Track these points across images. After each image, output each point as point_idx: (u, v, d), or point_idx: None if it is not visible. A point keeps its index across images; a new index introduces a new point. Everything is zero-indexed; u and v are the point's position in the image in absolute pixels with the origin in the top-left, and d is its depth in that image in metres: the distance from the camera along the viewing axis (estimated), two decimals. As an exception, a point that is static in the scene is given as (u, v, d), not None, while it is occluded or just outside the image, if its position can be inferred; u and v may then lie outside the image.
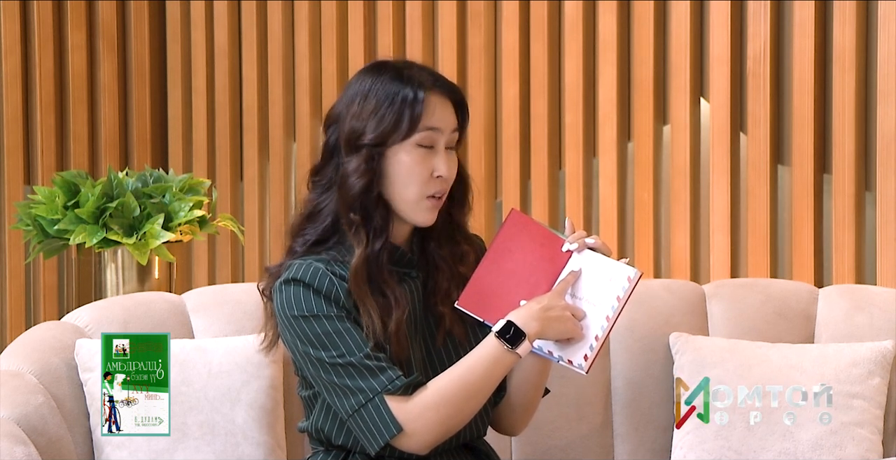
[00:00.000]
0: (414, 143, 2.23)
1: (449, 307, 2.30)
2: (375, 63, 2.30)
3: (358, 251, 2.23)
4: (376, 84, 2.24)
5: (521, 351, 2.20)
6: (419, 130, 2.22)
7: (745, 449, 2.63)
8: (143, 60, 4.34)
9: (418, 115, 2.22)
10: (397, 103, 2.22)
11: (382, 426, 2.18)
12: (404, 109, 2.22)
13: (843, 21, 3.34)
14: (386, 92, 2.23)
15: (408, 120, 2.22)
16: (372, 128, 2.22)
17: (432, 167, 2.24)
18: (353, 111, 2.24)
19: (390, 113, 2.22)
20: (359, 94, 2.25)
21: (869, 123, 3.37)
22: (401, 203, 2.25)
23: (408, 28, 3.93)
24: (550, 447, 2.75)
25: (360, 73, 2.29)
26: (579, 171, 3.69)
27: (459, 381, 2.20)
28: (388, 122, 2.22)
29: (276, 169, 4.16)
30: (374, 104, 2.23)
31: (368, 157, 2.22)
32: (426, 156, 2.24)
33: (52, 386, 2.59)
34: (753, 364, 2.67)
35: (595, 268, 2.27)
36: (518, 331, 2.20)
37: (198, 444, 2.60)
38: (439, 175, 2.25)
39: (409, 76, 2.24)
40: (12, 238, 4.16)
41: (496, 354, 2.20)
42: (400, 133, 2.22)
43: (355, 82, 2.27)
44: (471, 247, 2.37)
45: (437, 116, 2.24)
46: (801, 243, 3.42)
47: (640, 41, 3.61)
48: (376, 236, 2.24)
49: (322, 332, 2.20)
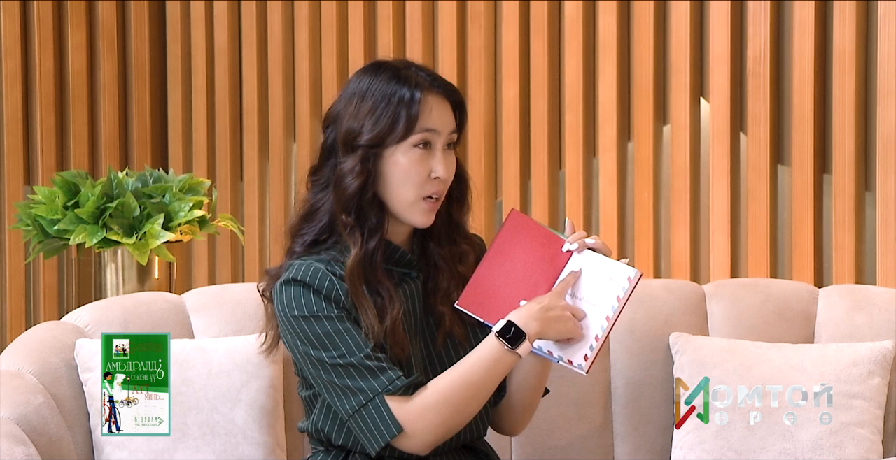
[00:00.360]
0: (411, 144, 2.23)
1: (449, 307, 2.30)
2: (374, 63, 2.30)
3: (353, 251, 2.23)
4: (374, 84, 2.24)
5: (522, 351, 2.20)
6: (416, 132, 2.22)
7: (745, 449, 2.63)
8: (143, 60, 4.34)
9: (415, 116, 2.22)
10: (394, 104, 2.22)
11: (383, 426, 2.18)
12: (401, 110, 2.22)
13: (843, 21, 3.34)
14: (383, 92, 2.23)
15: (404, 121, 2.21)
16: (368, 129, 2.22)
17: (430, 168, 2.24)
18: (351, 111, 2.24)
19: (387, 114, 2.22)
20: (356, 94, 2.25)
21: (869, 123, 3.37)
22: (397, 204, 2.25)
23: (408, 28, 3.93)
24: (550, 447, 2.75)
25: (358, 73, 2.29)
26: (579, 171, 3.69)
27: (460, 381, 2.20)
28: (384, 123, 2.22)
29: (276, 169, 4.16)
30: (371, 104, 2.23)
31: (364, 158, 2.22)
32: (423, 158, 2.24)
33: (52, 386, 2.59)
34: (753, 364, 2.67)
35: (595, 268, 2.27)
36: (518, 331, 2.20)
37: (198, 444, 2.60)
38: (437, 176, 2.24)
39: (407, 76, 2.24)
40: (12, 238, 4.16)
41: (497, 354, 2.20)
42: (396, 134, 2.22)
43: (353, 82, 2.27)
44: (470, 246, 2.37)
45: (434, 117, 2.24)
46: (801, 243, 3.41)
47: (640, 41, 3.61)
48: (371, 236, 2.24)
49: (322, 333, 2.20)
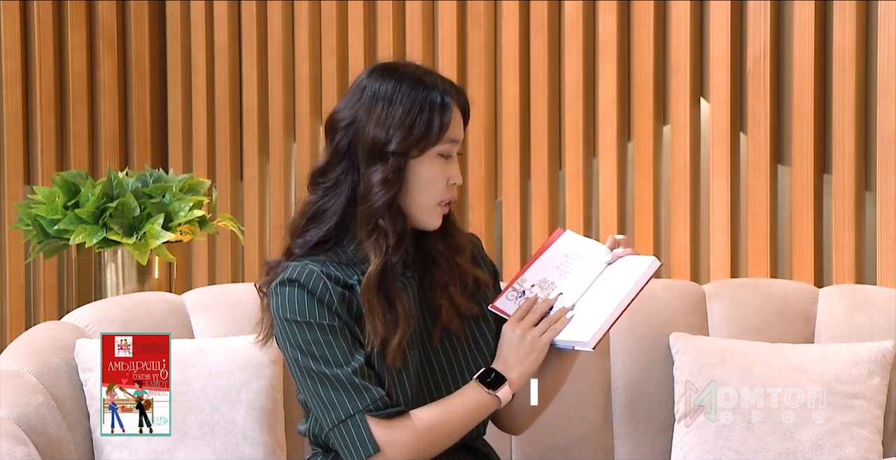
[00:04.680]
0: (436, 153, 2.23)
1: (446, 299, 2.31)
2: (388, 67, 2.27)
3: (375, 260, 2.22)
4: (400, 89, 2.22)
5: (502, 395, 2.26)
6: (444, 140, 2.23)
7: (745, 449, 2.63)
8: (143, 60, 4.34)
9: (447, 123, 2.22)
10: (426, 110, 2.21)
11: (360, 444, 2.20)
12: (434, 117, 2.21)
13: (843, 21, 3.34)
14: (413, 98, 2.22)
15: (437, 127, 2.22)
16: (401, 136, 2.21)
17: (449, 175, 2.26)
18: (377, 116, 2.22)
19: (420, 120, 2.21)
20: (381, 99, 2.22)
21: (869, 123, 3.37)
22: (416, 209, 2.26)
23: (408, 28, 3.93)
24: (550, 447, 2.76)
25: (373, 76, 2.25)
26: (579, 171, 3.69)
27: (441, 418, 2.24)
28: (418, 130, 2.21)
29: (276, 169, 4.16)
30: (402, 111, 2.21)
31: (396, 167, 2.22)
32: (444, 165, 2.25)
33: (52, 386, 2.59)
34: (753, 364, 2.67)
35: (618, 264, 2.33)
36: (499, 376, 2.26)
37: (198, 444, 2.60)
38: (454, 182, 2.27)
39: (432, 83, 2.24)
40: (12, 238, 4.16)
41: (478, 397, 2.26)
42: (430, 141, 2.22)
43: (370, 85, 2.24)
44: (465, 238, 2.38)
45: (455, 127, 2.25)
46: (801, 243, 3.42)
47: (640, 41, 3.61)
48: (396, 248, 2.23)
49: (313, 340, 2.20)
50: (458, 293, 2.32)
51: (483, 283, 2.37)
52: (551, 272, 2.34)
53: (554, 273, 2.34)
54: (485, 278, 2.38)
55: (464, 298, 2.33)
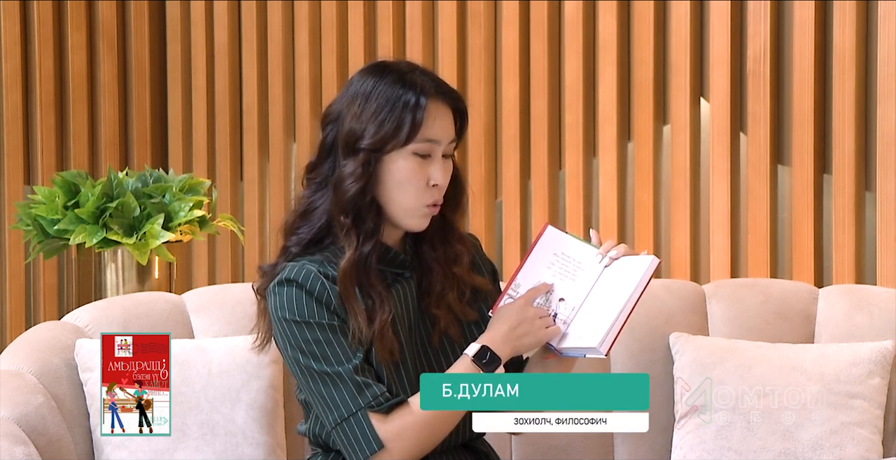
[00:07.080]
0: (411, 152, 2.22)
1: (444, 310, 2.31)
2: (378, 64, 2.28)
3: (347, 253, 2.23)
4: (378, 86, 2.23)
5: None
6: (418, 140, 2.22)
7: (745, 449, 2.63)
8: (143, 60, 4.34)
9: (419, 123, 2.21)
10: (398, 108, 2.21)
11: (364, 442, 2.19)
12: (405, 115, 2.21)
13: (843, 21, 3.34)
14: (387, 96, 2.22)
15: (408, 126, 2.21)
16: (371, 132, 2.21)
17: (428, 175, 2.24)
18: (353, 112, 2.23)
19: (391, 118, 2.21)
20: (360, 95, 2.24)
21: (869, 123, 3.37)
22: (396, 209, 2.25)
23: (408, 28, 3.93)
24: (550, 447, 2.75)
25: (362, 73, 2.27)
26: (579, 171, 3.69)
27: None
28: (388, 128, 2.21)
29: (276, 169, 4.16)
30: (376, 107, 2.22)
31: (366, 162, 2.22)
32: (422, 165, 2.23)
33: (52, 386, 2.59)
34: (753, 364, 2.67)
35: (617, 265, 2.31)
36: (493, 355, 2.24)
37: (198, 444, 2.60)
38: (435, 184, 2.24)
39: (412, 81, 2.23)
40: (12, 238, 4.16)
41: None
42: (399, 139, 2.21)
43: (357, 82, 2.26)
44: (464, 247, 2.37)
45: (436, 127, 2.23)
46: (801, 243, 3.42)
47: (640, 41, 3.61)
48: (366, 239, 2.24)
49: (312, 340, 2.20)
50: (455, 300, 2.32)
51: (482, 290, 2.37)
52: (543, 273, 2.33)
53: (546, 274, 2.32)
54: (484, 284, 2.37)
55: (461, 305, 2.33)
